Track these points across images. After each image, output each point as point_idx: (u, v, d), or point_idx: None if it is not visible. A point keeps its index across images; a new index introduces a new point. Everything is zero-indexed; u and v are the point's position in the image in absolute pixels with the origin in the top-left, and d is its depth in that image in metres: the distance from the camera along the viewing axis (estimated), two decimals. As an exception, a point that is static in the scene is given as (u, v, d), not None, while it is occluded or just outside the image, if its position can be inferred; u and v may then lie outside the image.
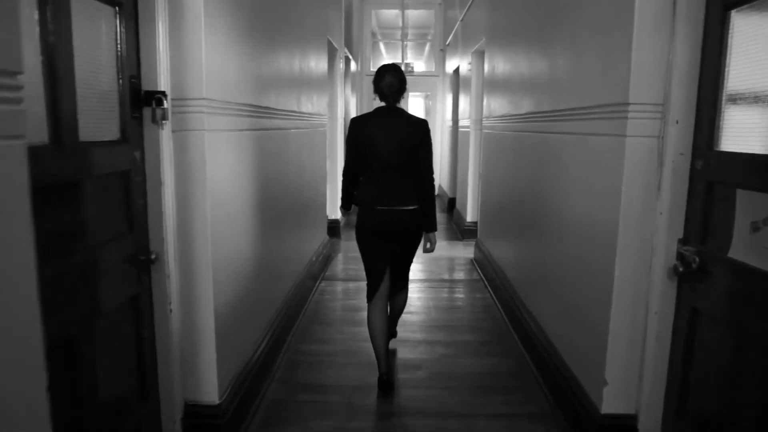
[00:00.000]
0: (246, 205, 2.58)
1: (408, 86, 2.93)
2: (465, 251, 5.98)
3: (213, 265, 2.11)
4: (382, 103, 2.83)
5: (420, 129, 2.77)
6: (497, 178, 4.62)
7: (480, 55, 6.11)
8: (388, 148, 2.71)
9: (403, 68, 3.21)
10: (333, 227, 6.46)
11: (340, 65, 6.48)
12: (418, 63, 10.56)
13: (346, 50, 7.35)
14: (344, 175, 2.91)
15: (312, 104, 4.46)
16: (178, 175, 2.02)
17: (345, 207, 3.04)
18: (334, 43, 5.84)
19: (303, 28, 4.08)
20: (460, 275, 5.14)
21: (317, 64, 4.75)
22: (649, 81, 1.89)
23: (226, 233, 2.28)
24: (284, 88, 3.41)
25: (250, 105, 2.60)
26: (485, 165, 5.28)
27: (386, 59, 10.59)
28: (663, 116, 1.90)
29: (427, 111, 10.73)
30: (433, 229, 2.87)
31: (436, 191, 10.13)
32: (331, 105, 6.25)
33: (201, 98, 1.99)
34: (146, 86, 1.91)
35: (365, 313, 3.05)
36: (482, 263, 5.04)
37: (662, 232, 1.92)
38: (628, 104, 1.91)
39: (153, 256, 1.95)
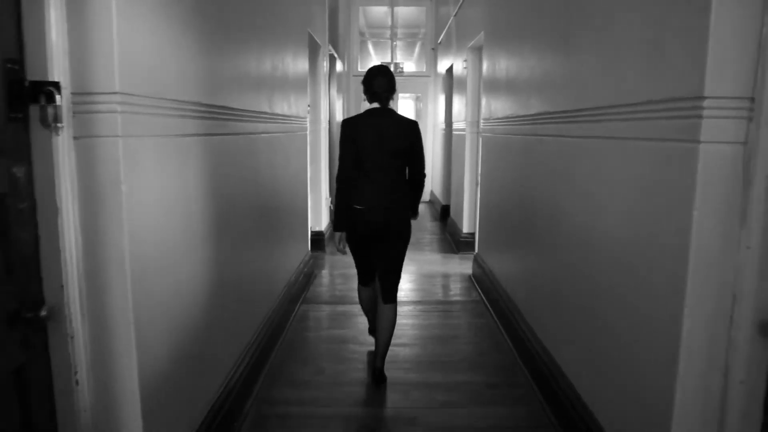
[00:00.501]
0: (193, 228, 2.03)
1: (398, 87, 3.01)
2: (461, 266, 5.46)
3: (136, 315, 1.55)
4: (372, 105, 2.88)
5: (411, 130, 2.84)
6: (499, 187, 4.11)
7: (477, 52, 5.60)
8: (380, 149, 2.76)
9: (392, 68, 3.88)
10: (316, 240, 5.91)
11: (324, 64, 5.94)
12: (408, 63, 10.06)
13: (331, 48, 6.82)
14: (340, 181, 2.84)
15: (289, 105, 3.92)
16: (83, 200, 1.47)
17: (339, 227, 2.90)
18: (316, 39, 5.31)
19: (278, 18, 3.53)
20: (457, 295, 4.61)
21: (295, 60, 4.21)
22: (734, 67, 1.37)
23: (161, 270, 1.73)
24: (251, 86, 2.87)
25: (201, 104, 2.06)
26: (485, 171, 4.77)
27: (375, 59, 10.08)
28: (751, 115, 1.38)
29: (418, 113, 10.22)
30: (415, 216, 3.13)
31: (428, 197, 9.58)
32: (314, 107, 5.71)
33: (113, 92, 1.43)
34: (32, 75, 1.36)
35: (353, 345, 3.13)
36: (482, 281, 4.52)
37: (750, 272, 1.40)
38: (703, 98, 1.39)
39: (44, 313, 1.39)
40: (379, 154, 2.76)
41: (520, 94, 3.42)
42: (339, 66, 7.86)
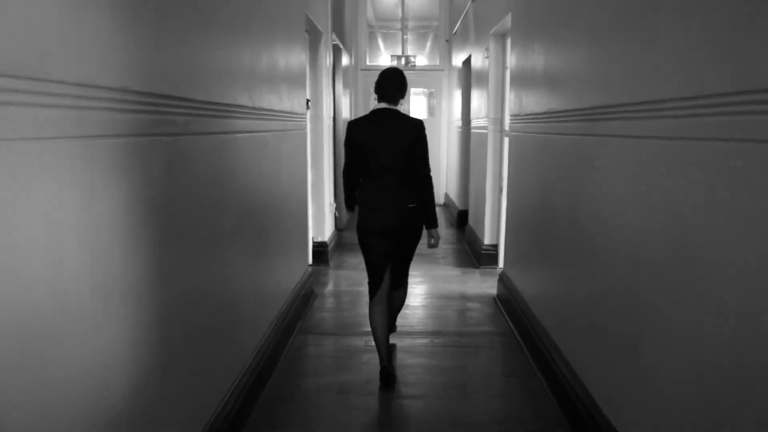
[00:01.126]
0: (115, 273, 1.37)
1: (409, 83, 3.10)
2: (483, 284, 4.77)
3: None
4: (380, 105, 2.91)
5: (416, 130, 2.84)
6: (532, 194, 3.43)
7: (500, 40, 4.91)
8: (386, 150, 2.81)
9: (403, 62, 3.73)
10: (319, 252, 5.25)
11: (327, 55, 5.27)
12: (419, 57, 9.37)
13: (336, 38, 6.16)
14: (344, 176, 3.04)
15: (280, 99, 3.26)
16: None
17: (349, 207, 3.18)
18: (316, 24, 4.64)
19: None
20: (481, 324, 3.93)
21: (289, 45, 3.55)
22: None
23: (53, 348, 1.08)
24: (221, 73, 2.21)
25: (130, 91, 1.40)
26: (513, 176, 4.08)
27: (384, 53, 9.42)
28: None
29: (431, 110, 9.53)
30: (435, 225, 2.96)
31: (442, 200, 8.91)
32: (315, 102, 5.04)
33: None
34: None
35: (359, 398, 2.78)
36: (510, 305, 3.84)
37: None
38: None
39: None
40: (384, 154, 2.81)
41: (565, 84, 2.73)
42: (345, 59, 7.20)
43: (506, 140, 4.96)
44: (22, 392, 1.03)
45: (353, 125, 2.92)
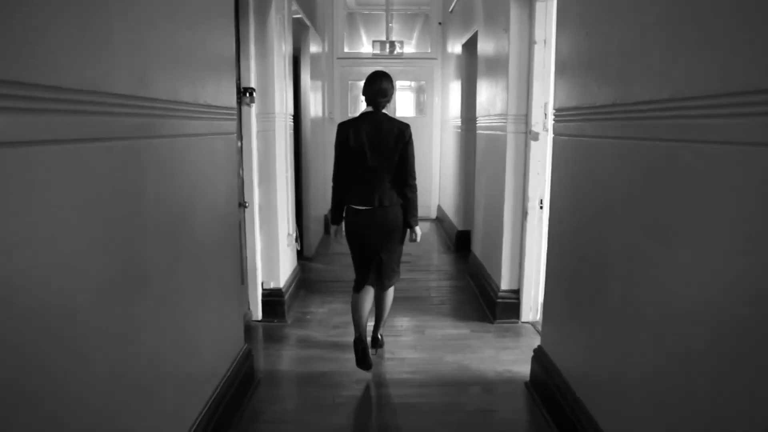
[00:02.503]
0: None
1: (395, 74, 3.61)
2: (504, 351, 3.33)
3: None
4: (368, 109, 2.98)
5: (404, 133, 2.91)
6: (592, 226, 2.00)
7: (527, 5, 3.47)
8: (373, 152, 2.89)
9: (387, 49, 4.71)
10: (271, 303, 3.77)
11: (283, 31, 3.79)
12: (407, 44, 7.91)
13: (301, 12, 4.69)
14: (334, 181, 3.05)
15: (185, 86, 1.79)
16: None
17: (336, 221, 3.13)
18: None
19: None
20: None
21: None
22: None
23: None
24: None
25: None
26: (560, 195, 2.62)
27: (366, 39, 7.94)
28: None
29: (421, 107, 8.07)
30: (416, 224, 3.08)
31: (434, 214, 7.46)
32: (265, 93, 3.56)
33: None
34: None
35: None
36: (555, 402, 2.40)
37: None
38: None
39: None
40: (371, 156, 2.89)
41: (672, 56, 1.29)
42: (316, 45, 5.72)
43: (533, 145, 3.53)
44: None
45: (343, 126, 2.98)
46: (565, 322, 2.49)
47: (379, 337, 3.35)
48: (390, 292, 3.20)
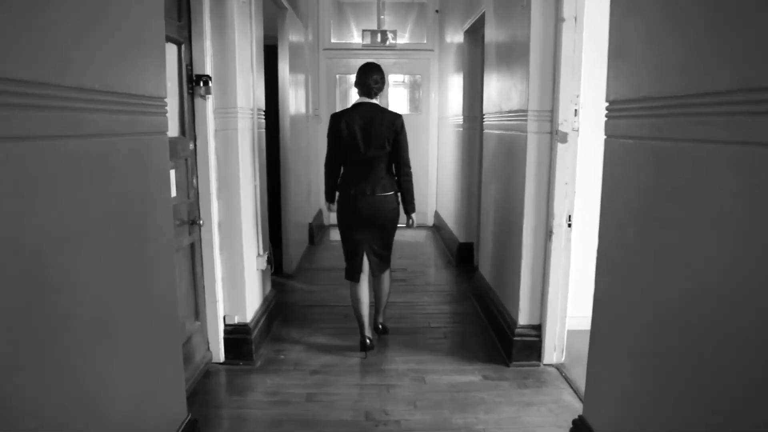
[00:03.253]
0: None
1: (388, 68, 3.69)
2: (526, 408, 2.64)
3: None
4: (361, 99, 3.11)
5: (395, 123, 3.05)
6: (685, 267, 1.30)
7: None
8: (366, 141, 3.01)
9: (379, 39, 5.06)
10: (235, 342, 3.05)
11: (252, 4, 3.07)
12: (400, 35, 7.19)
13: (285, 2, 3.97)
14: (326, 168, 3.20)
15: (78, 63, 1.06)
16: None
17: (329, 199, 3.30)
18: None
19: None
20: None
21: None
22: None
23: None
24: None
25: None
26: (618, 220, 1.92)
27: (355, 29, 7.21)
28: None
29: (416, 104, 7.36)
30: (413, 210, 3.23)
31: (432, 221, 6.78)
32: (224, 82, 2.83)
33: None
34: None
35: None
36: None
37: None
38: None
39: None
40: (364, 145, 3.00)
41: None
42: (297, 32, 5.01)
43: (560, 148, 2.85)
44: None
45: (336, 117, 3.10)
46: (629, 387, 1.79)
47: (380, 327, 3.49)
48: (386, 277, 3.31)
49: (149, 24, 1.74)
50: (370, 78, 3.05)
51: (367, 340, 3.19)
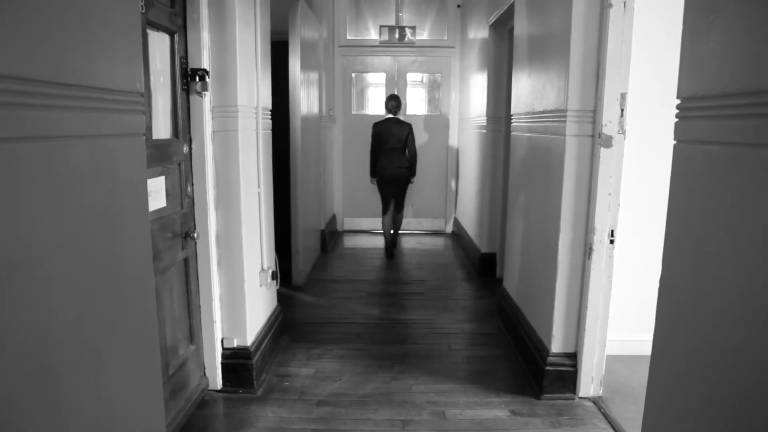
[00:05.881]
0: None
1: (405, 69, 6.67)
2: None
3: None
4: (388, 115, 5.37)
5: (407, 129, 5.33)
6: None
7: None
8: (392, 139, 5.26)
9: (397, 36, 6.45)
10: (233, 367, 2.74)
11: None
12: (419, 32, 6.84)
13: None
14: (371, 155, 5.46)
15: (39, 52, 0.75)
16: None
17: (372, 174, 5.51)
18: None
19: None
20: None
21: None
22: None
23: None
24: None
25: None
26: (694, 243, 1.56)
27: (372, 25, 6.89)
28: None
29: (436, 104, 7.00)
30: (413, 176, 5.53)
31: (451, 228, 6.48)
32: (224, 78, 2.53)
33: None
34: None
35: None
36: None
37: None
38: None
39: None
40: (391, 141, 5.26)
41: None
42: (311, 28, 4.71)
43: (603, 153, 2.49)
44: None
45: (376, 125, 5.38)
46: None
47: (394, 253, 5.67)
48: (399, 216, 5.65)
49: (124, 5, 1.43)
50: (390, 104, 5.36)
51: (392, 252, 5.60)
